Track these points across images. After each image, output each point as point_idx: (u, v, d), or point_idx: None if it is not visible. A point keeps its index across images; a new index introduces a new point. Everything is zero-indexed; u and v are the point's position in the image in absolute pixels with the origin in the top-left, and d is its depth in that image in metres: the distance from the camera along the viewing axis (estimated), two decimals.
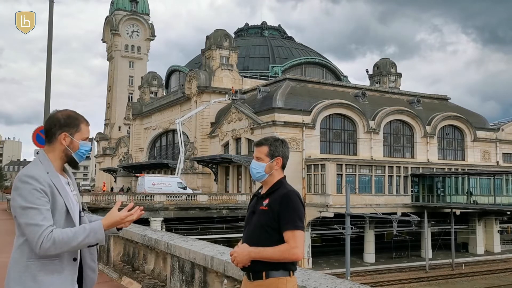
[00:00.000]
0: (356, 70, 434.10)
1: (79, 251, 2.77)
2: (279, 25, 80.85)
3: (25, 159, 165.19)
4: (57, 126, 2.77)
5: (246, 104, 48.62)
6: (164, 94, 74.34)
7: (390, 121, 48.79)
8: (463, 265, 41.89)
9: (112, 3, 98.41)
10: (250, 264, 3.05)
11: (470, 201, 41.88)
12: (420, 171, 44.92)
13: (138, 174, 52.24)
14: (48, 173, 2.69)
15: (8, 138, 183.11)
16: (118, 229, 2.97)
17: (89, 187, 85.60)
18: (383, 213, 37.40)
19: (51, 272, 2.62)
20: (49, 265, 2.62)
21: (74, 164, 2.88)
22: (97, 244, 2.70)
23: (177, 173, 49.60)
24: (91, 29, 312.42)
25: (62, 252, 2.59)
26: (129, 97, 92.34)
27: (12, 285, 2.62)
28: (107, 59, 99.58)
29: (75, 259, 2.72)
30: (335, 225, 36.43)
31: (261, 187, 3.30)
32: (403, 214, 38.26)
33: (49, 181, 2.65)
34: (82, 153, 2.85)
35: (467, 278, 38.36)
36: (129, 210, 2.80)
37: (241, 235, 3.30)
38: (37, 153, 10.59)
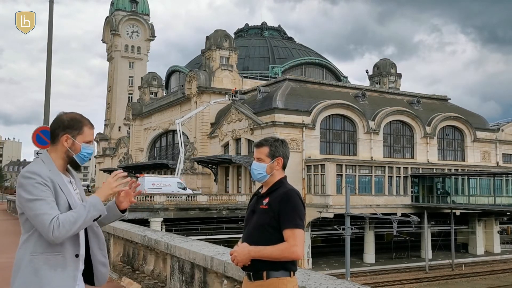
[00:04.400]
0: (354, 71, 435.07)
1: (83, 247, 2.82)
2: (279, 26, 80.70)
3: (25, 160, 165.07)
4: (60, 128, 2.84)
5: (246, 105, 48.59)
6: (164, 94, 74.29)
7: (390, 122, 48.77)
8: (463, 265, 41.91)
9: (112, 3, 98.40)
10: (251, 263, 3.05)
11: (450, 201, 41.97)
12: (420, 171, 44.94)
13: (138, 175, 52.05)
14: (50, 171, 2.75)
15: (8, 138, 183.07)
16: (122, 212, 3.05)
17: (89, 187, 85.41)
18: (383, 214, 37.42)
19: (54, 267, 2.65)
20: (52, 260, 2.66)
21: (75, 166, 2.93)
22: (100, 216, 2.75)
23: (177, 174, 49.56)
24: (91, 30, 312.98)
25: (73, 233, 2.63)
26: (129, 97, 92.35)
27: (15, 279, 2.66)
28: (107, 60, 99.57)
29: (77, 255, 2.75)
30: (335, 226, 36.45)
31: (261, 187, 3.30)
32: (403, 215, 38.31)
33: (51, 178, 2.71)
34: (83, 156, 2.90)
35: (467, 278, 38.38)
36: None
37: (241, 235, 3.29)
38: (37, 153, 10.60)
